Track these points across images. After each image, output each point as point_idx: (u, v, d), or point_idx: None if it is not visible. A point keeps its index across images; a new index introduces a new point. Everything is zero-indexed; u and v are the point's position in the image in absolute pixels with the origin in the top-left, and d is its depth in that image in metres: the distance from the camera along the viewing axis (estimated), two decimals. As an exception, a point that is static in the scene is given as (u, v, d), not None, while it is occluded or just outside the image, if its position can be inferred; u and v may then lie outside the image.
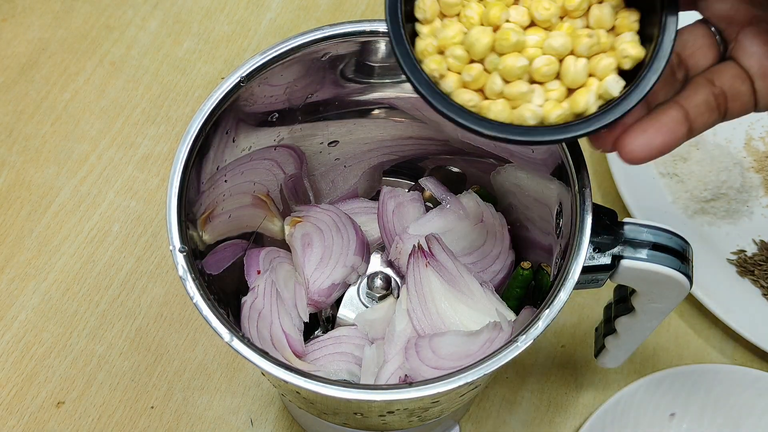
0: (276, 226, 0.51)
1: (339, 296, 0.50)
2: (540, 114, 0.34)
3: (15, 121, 0.68)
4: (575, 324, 0.62)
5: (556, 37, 0.34)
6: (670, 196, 0.65)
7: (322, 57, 0.44)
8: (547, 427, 0.58)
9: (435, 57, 0.35)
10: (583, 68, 0.34)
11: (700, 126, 0.36)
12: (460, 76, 0.35)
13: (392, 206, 0.51)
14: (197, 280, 0.38)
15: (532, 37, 0.34)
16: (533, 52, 0.34)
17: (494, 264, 0.50)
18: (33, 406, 0.57)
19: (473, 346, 0.43)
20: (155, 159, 0.67)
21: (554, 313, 0.37)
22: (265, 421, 0.58)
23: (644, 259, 0.40)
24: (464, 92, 0.34)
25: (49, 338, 0.59)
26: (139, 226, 0.64)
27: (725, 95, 0.37)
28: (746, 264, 0.63)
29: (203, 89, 0.70)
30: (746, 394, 0.57)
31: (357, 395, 0.36)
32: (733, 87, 0.37)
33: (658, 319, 0.45)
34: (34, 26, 0.72)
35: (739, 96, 0.37)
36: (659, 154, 0.35)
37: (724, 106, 0.37)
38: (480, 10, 0.35)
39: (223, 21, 0.74)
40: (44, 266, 0.62)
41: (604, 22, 0.34)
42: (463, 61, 0.34)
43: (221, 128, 0.42)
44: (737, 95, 0.37)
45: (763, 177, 0.67)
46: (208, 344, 0.60)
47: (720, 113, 0.37)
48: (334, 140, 0.50)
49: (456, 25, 0.35)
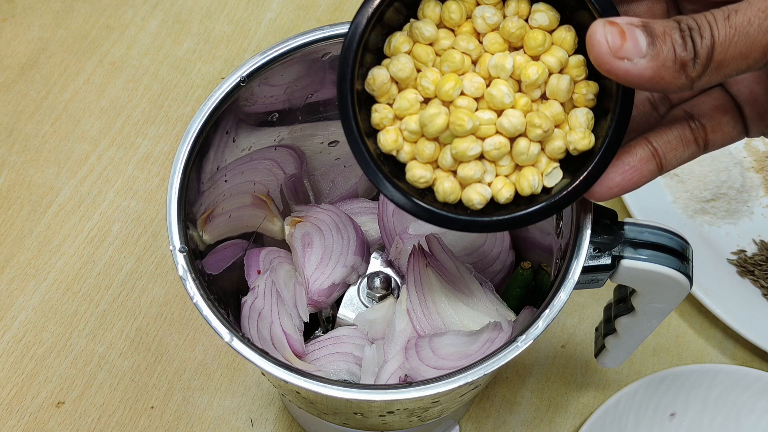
0: (276, 226, 0.51)
1: (339, 296, 0.50)
2: (487, 197, 0.35)
3: (15, 121, 0.68)
4: (575, 324, 0.62)
5: (510, 117, 0.34)
6: (670, 196, 0.65)
7: (322, 57, 0.44)
8: (547, 427, 0.58)
9: (390, 130, 0.35)
10: (536, 155, 0.34)
11: (672, 161, 0.36)
12: (415, 146, 0.35)
13: (392, 206, 0.51)
14: (197, 280, 0.38)
15: (485, 114, 0.34)
16: (486, 129, 0.34)
17: (494, 264, 0.50)
18: (33, 406, 0.57)
19: (473, 346, 0.43)
20: (155, 159, 0.67)
21: (554, 313, 0.37)
22: (265, 421, 0.58)
23: (644, 259, 0.40)
24: (417, 166, 0.35)
25: (49, 338, 0.59)
26: (139, 226, 0.64)
27: (704, 128, 0.36)
28: (746, 264, 0.63)
29: (203, 89, 0.70)
30: (746, 394, 0.57)
31: (357, 395, 0.36)
32: (713, 118, 0.36)
33: (658, 319, 0.45)
34: (34, 26, 0.72)
35: (720, 127, 0.36)
36: (623, 192, 0.35)
37: (704, 139, 0.36)
38: (435, 79, 0.34)
39: (223, 21, 0.74)
40: (44, 266, 0.62)
41: (561, 95, 0.34)
42: (418, 134, 0.34)
43: (221, 128, 0.42)
44: (718, 126, 0.36)
45: (763, 177, 0.67)
46: (208, 344, 0.60)
47: (699, 146, 0.36)
48: (334, 140, 0.50)
49: (411, 94, 0.35)
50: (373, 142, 0.35)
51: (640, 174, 0.35)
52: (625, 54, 0.30)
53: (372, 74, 0.35)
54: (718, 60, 0.30)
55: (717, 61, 0.30)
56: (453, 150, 0.34)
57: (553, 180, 0.35)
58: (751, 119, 0.36)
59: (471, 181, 0.35)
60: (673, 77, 0.30)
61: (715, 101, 0.36)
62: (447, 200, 0.35)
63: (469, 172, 0.34)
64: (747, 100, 0.36)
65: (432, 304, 0.46)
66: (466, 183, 0.35)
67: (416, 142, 0.35)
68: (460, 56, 0.34)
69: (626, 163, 0.35)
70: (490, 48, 0.35)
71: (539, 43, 0.34)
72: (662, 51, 0.30)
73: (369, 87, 0.35)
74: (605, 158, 0.34)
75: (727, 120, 0.36)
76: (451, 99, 0.34)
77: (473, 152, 0.34)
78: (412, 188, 0.35)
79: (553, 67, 0.34)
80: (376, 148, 0.35)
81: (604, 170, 0.34)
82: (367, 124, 0.35)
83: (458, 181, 0.35)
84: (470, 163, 0.34)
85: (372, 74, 0.35)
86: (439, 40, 0.35)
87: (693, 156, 0.37)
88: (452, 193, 0.35)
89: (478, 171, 0.34)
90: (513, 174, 0.35)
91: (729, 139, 0.37)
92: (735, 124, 0.36)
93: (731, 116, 0.36)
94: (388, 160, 0.36)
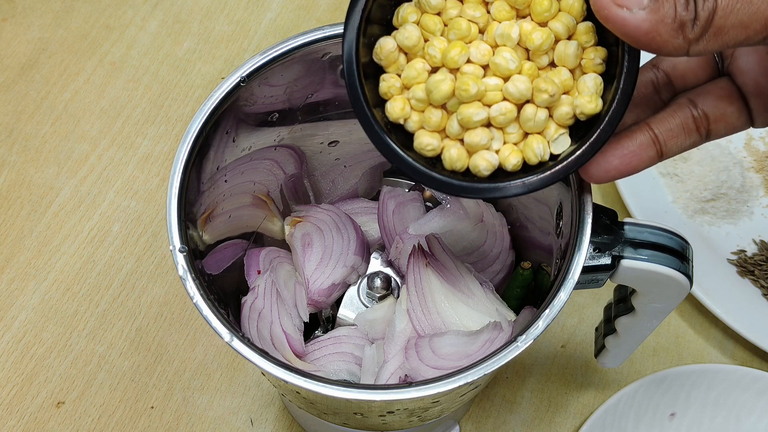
0: (276, 226, 0.51)
1: (339, 296, 0.50)
2: (495, 164, 0.35)
3: (15, 121, 0.68)
4: (575, 324, 0.62)
5: (517, 83, 0.34)
6: (670, 196, 0.65)
7: (322, 57, 0.44)
8: (547, 427, 0.58)
9: (398, 98, 0.35)
10: (543, 121, 0.34)
11: (673, 148, 0.36)
12: (423, 114, 0.35)
13: (392, 206, 0.51)
14: (197, 280, 0.38)
15: (492, 80, 0.34)
16: (493, 95, 0.34)
17: (494, 264, 0.50)
18: (33, 406, 0.57)
19: (473, 346, 0.43)
20: (155, 159, 0.67)
21: (554, 313, 0.37)
22: (265, 421, 0.58)
23: (644, 259, 0.40)
24: (424, 134, 0.35)
25: (49, 338, 0.59)
26: (139, 226, 0.64)
27: (707, 117, 0.36)
28: (746, 264, 0.63)
29: (203, 89, 0.70)
30: (746, 394, 0.57)
31: (357, 395, 0.36)
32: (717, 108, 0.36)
33: (658, 319, 0.45)
34: (34, 26, 0.72)
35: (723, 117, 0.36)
36: (620, 176, 0.35)
37: (706, 128, 0.36)
38: (443, 48, 0.34)
39: (223, 21, 0.74)
40: (44, 266, 0.62)
41: (568, 61, 0.34)
42: (425, 102, 0.35)
43: (221, 128, 0.42)
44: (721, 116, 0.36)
45: (763, 177, 0.67)
46: (208, 344, 0.60)
47: (701, 135, 0.36)
48: (334, 140, 0.50)
49: (419, 63, 0.35)
50: (380, 111, 0.35)
51: (638, 159, 0.35)
52: (625, 2, 0.30)
53: (379, 44, 0.35)
54: (717, 25, 0.30)
55: (717, 26, 0.30)
56: (459, 116, 0.34)
57: (560, 147, 0.35)
58: (756, 111, 0.36)
59: (478, 148, 0.34)
60: (670, 35, 0.30)
61: (721, 91, 0.36)
62: (454, 167, 0.35)
63: (475, 138, 0.34)
64: (753, 92, 0.36)
65: (432, 304, 0.46)
66: (474, 150, 0.35)
67: (424, 111, 0.35)
68: (467, 24, 0.34)
69: (625, 147, 0.35)
70: (497, 16, 0.35)
71: (545, 8, 0.34)
72: (663, 6, 0.29)
73: (377, 57, 0.35)
74: (612, 121, 0.34)
75: (732, 111, 0.36)
76: (458, 66, 0.34)
77: (478, 117, 0.34)
78: (420, 157, 0.35)
79: (560, 33, 0.34)
80: (383, 117, 0.35)
81: (611, 134, 0.34)
82: (375, 95, 0.36)
83: (465, 148, 0.35)
84: (477, 129, 0.34)
85: (379, 44, 0.35)
86: (446, 10, 0.35)
87: (694, 144, 0.36)
88: (459, 160, 0.35)
89: (485, 138, 0.34)
90: (521, 142, 0.35)
91: (732, 129, 0.37)
92: (740, 114, 0.36)
93: (736, 107, 0.36)
94: (397, 130, 0.36)
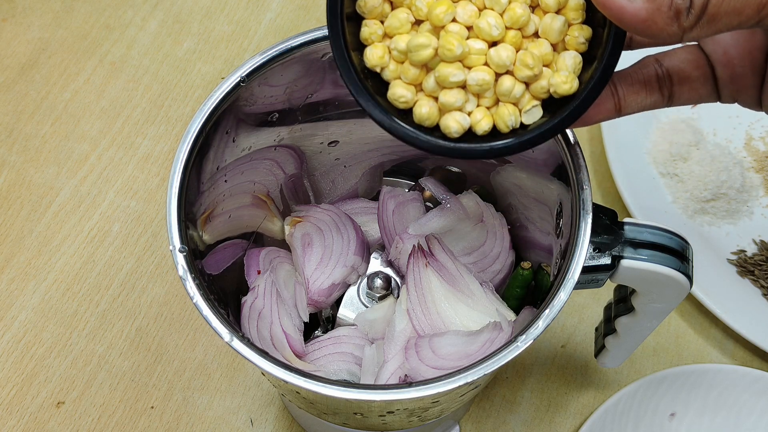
0: (276, 226, 0.51)
1: (339, 296, 0.50)
2: (465, 126, 0.34)
3: (15, 121, 0.68)
4: (575, 324, 0.62)
5: (501, 51, 0.34)
6: (670, 196, 0.65)
7: (322, 57, 0.44)
8: (547, 427, 0.58)
9: (378, 46, 0.35)
10: (520, 94, 0.34)
11: (632, 104, 0.36)
12: (401, 66, 0.35)
13: (392, 206, 0.51)
14: (197, 280, 0.38)
15: (477, 44, 0.34)
16: (476, 59, 0.34)
17: (494, 264, 0.50)
18: (33, 406, 0.57)
19: (473, 346, 0.43)
20: (155, 159, 0.67)
21: (554, 313, 0.37)
22: (265, 421, 0.58)
23: (644, 259, 0.40)
24: (400, 85, 0.35)
25: (49, 338, 0.59)
26: (139, 226, 0.64)
27: (671, 78, 0.36)
28: (746, 264, 0.63)
29: (203, 89, 0.70)
30: (746, 394, 0.57)
31: (357, 395, 0.36)
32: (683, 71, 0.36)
33: (658, 319, 0.45)
34: (34, 26, 0.72)
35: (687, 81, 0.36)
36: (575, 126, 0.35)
37: (669, 90, 0.36)
38: (430, 2, 0.34)
39: (223, 21, 0.74)
40: (44, 266, 0.62)
41: (552, 35, 0.34)
42: (405, 54, 0.34)
43: (221, 128, 0.42)
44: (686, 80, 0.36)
45: (763, 177, 0.67)
46: (208, 344, 0.60)
47: (663, 96, 0.36)
48: (334, 140, 0.50)
49: (403, 13, 0.34)
50: (359, 56, 0.35)
51: (596, 110, 0.35)
52: None
53: None
54: (711, 13, 0.30)
55: (710, 14, 0.30)
56: (436, 73, 0.34)
57: (531, 117, 0.35)
58: (722, 81, 0.36)
59: (451, 108, 0.34)
60: (665, 23, 0.30)
61: (689, 55, 0.36)
62: (423, 124, 0.35)
63: (450, 99, 0.34)
64: (720, 61, 0.36)
65: (432, 304, 0.46)
66: (446, 110, 0.35)
67: (403, 62, 0.35)
68: None
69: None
70: None
71: None
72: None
73: (359, 8, 0.35)
74: (586, 101, 0.34)
75: (696, 76, 0.36)
76: (442, 24, 0.34)
77: (455, 78, 0.34)
78: (391, 107, 0.35)
79: (550, 6, 0.34)
80: (360, 62, 0.35)
81: (582, 113, 0.34)
82: (355, 39, 0.35)
83: (438, 106, 0.35)
84: (453, 90, 0.34)
85: None
86: None
87: (655, 105, 0.36)
88: (429, 118, 0.35)
89: (460, 99, 0.34)
90: (494, 107, 0.35)
91: (697, 97, 0.37)
92: (705, 82, 0.36)
93: (701, 73, 0.36)
94: (373, 77, 0.36)
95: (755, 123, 0.70)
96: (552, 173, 0.43)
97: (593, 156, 0.69)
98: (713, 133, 0.69)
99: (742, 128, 0.69)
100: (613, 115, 0.36)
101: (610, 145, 0.65)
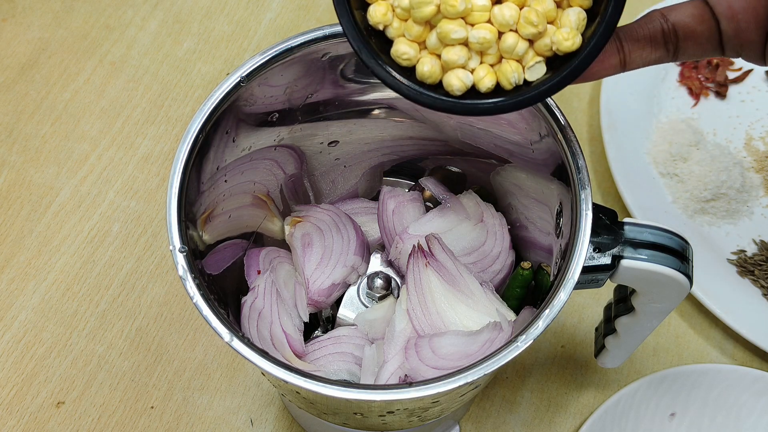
0: (276, 226, 0.51)
1: (339, 296, 0.50)
2: (468, 84, 0.34)
3: (15, 121, 0.68)
4: (575, 324, 0.62)
5: (504, 9, 0.34)
6: (670, 196, 0.65)
7: (322, 57, 0.44)
8: (547, 427, 0.58)
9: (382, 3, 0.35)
10: (523, 52, 0.34)
11: (637, 60, 0.36)
12: (405, 23, 0.35)
13: (392, 206, 0.51)
14: (197, 280, 0.38)
15: (479, 0, 0.34)
16: (479, 15, 0.34)
17: (494, 264, 0.50)
18: (33, 406, 0.57)
19: (473, 346, 0.43)
20: (155, 159, 0.67)
21: (554, 313, 0.37)
22: (265, 421, 0.58)
23: (644, 259, 0.40)
24: (403, 42, 0.35)
25: (49, 338, 0.59)
26: (139, 226, 0.64)
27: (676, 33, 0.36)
28: (746, 264, 0.63)
29: (203, 89, 0.70)
30: (746, 394, 0.57)
31: (357, 395, 0.36)
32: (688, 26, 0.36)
33: (658, 319, 0.45)
34: (34, 26, 0.72)
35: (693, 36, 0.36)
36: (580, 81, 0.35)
37: (674, 45, 0.36)
38: None
39: (223, 21, 0.74)
40: (44, 266, 0.62)
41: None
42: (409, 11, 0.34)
43: (221, 128, 0.42)
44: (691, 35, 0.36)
45: (763, 177, 0.67)
46: (208, 344, 0.60)
47: (668, 51, 0.36)
48: (334, 140, 0.50)
49: None
50: (362, 14, 0.35)
51: (600, 65, 0.35)
52: None
53: None
54: None
55: None
56: (438, 29, 0.34)
57: (535, 74, 0.35)
58: (726, 35, 0.36)
59: (454, 66, 0.34)
60: None
61: (694, 9, 0.36)
62: (425, 81, 0.35)
63: (453, 56, 0.34)
64: (725, 14, 0.36)
65: (432, 304, 0.46)
66: (449, 67, 0.35)
67: (406, 20, 0.35)
68: None
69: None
70: None
71: None
72: None
73: None
74: (588, 58, 0.34)
75: (702, 30, 0.36)
76: None
77: (456, 35, 0.34)
78: (394, 64, 0.35)
79: None
80: (364, 20, 0.35)
81: (584, 69, 0.34)
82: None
83: (441, 64, 0.35)
84: (455, 47, 0.34)
85: None
86: None
87: (660, 60, 0.36)
88: (431, 76, 0.35)
89: (462, 56, 0.34)
90: (497, 64, 0.35)
91: (701, 52, 0.37)
92: (710, 37, 0.36)
93: (706, 27, 0.36)
94: (377, 36, 0.36)
95: (755, 123, 0.70)
96: (552, 173, 0.43)
97: (593, 156, 0.69)
98: (713, 133, 0.69)
99: (742, 128, 0.69)
100: (618, 70, 0.36)
101: (610, 145, 0.65)
